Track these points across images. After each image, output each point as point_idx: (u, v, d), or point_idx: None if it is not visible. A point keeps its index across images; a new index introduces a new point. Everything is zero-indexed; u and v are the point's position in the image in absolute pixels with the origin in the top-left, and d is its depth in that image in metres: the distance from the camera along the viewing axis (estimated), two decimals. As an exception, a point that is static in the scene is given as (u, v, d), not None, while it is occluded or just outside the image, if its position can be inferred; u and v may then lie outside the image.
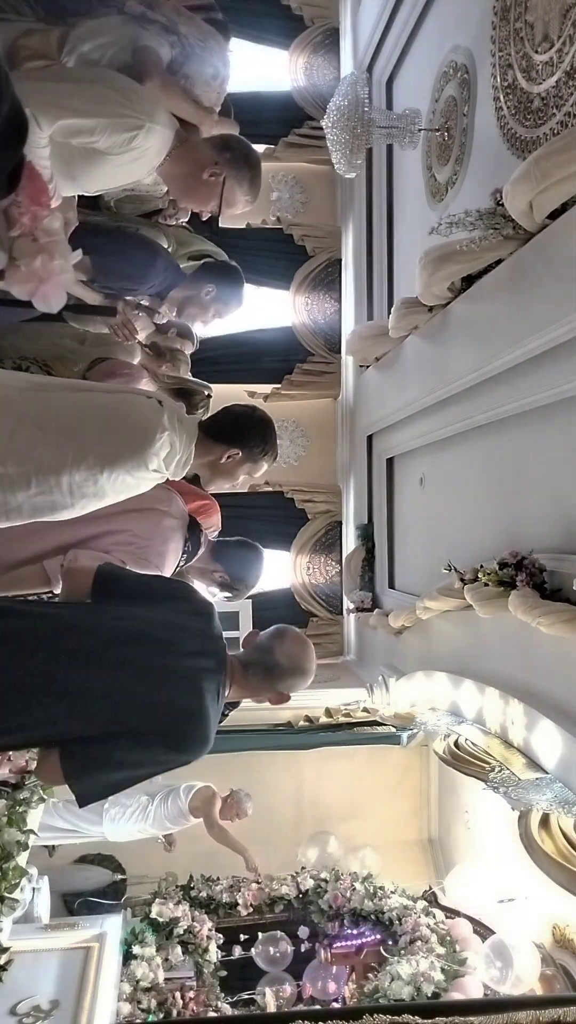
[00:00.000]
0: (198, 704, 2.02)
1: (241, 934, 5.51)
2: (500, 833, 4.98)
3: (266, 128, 7.24)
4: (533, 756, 3.70)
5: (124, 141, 2.46)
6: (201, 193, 2.72)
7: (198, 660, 2.10)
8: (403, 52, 5.81)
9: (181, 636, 2.11)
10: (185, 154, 2.70)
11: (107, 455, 2.08)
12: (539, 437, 3.87)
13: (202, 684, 2.05)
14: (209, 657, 2.13)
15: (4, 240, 2.20)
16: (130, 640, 2.05)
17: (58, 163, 2.46)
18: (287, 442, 7.55)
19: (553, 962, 4.66)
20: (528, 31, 3.75)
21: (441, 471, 5.21)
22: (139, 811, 5.08)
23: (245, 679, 2.23)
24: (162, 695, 2.01)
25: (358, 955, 5.30)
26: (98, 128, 2.41)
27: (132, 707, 1.97)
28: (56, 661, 1.95)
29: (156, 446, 2.15)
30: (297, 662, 2.26)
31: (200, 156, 2.73)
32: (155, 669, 2.03)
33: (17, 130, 1.87)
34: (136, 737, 1.96)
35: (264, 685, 2.26)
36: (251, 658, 2.25)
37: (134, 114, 2.47)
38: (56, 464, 2.03)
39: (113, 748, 1.94)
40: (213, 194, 2.71)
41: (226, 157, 2.72)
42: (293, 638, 2.30)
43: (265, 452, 2.51)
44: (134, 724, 1.97)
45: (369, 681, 5.87)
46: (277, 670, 2.24)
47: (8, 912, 2.91)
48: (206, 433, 2.38)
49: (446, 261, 3.96)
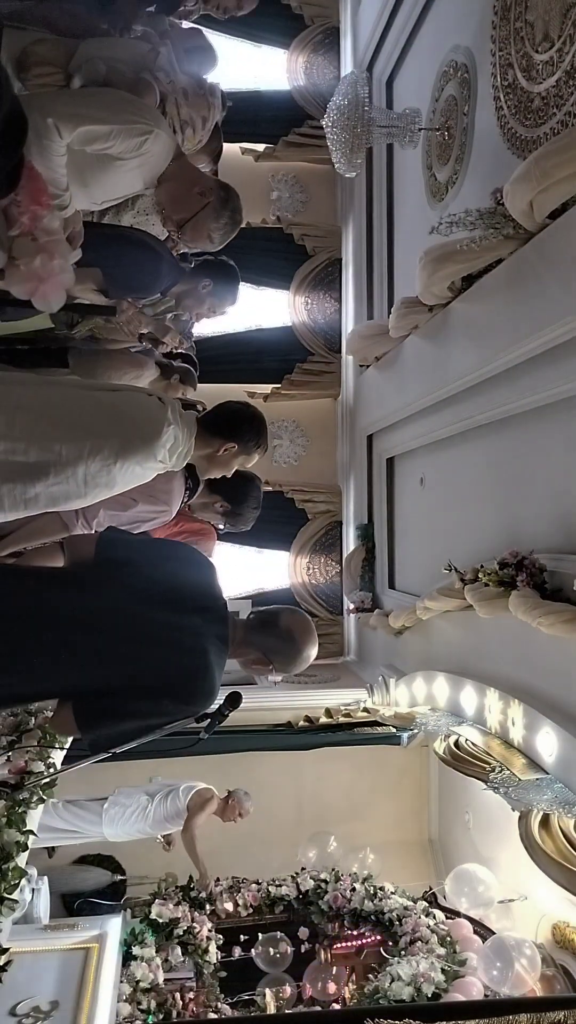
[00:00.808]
0: (202, 659, 2.14)
1: (241, 935, 5.50)
2: (500, 833, 4.98)
3: (266, 127, 7.25)
4: (533, 756, 3.69)
5: (135, 146, 2.64)
6: (182, 203, 2.87)
7: (201, 615, 2.22)
8: (403, 51, 5.81)
9: (184, 592, 2.25)
10: (187, 167, 2.89)
11: (121, 447, 2.24)
12: (539, 437, 3.87)
13: (205, 639, 2.17)
14: (211, 612, 2.26)
15: (4, 239, 2.20)
16: (135, 598, 2.18)
17: (72, 172, 2.61)
18: (287, 442, 7.54)
19: (553, 962, 4.65)
20: (528, 31, 3.74)
21: (441, 471, 5.21)
22: (138, 811, 5.07)
23: (247, 645, 2.34)
24: (168, 651, 2.13)
25: (358, 956, 5.29)
26: (112, 134, 2.59)
27: (140, 663, 2.10)
28: (66, 620, 2.10)
29: (164, 438, 2.32)
30: (296, 638, 2.36)
31: (199, 176, 2.93)
32: (160, 625, 2.15)
33: (17, 130, 1.87)
34: (145, 690, 2.09)
35: (256, 644, 2.34)
36: (257, 622, 2.37)
37: (143, 121, 2.66)
38: (74, 456, 2.18)
39: (123, 700, 2.08)
40: (191, 209, 2.86)
41: (220, 194, 2.91)
42: (302, 618, 2.42)
43: (258, 445, 2.70)
44: (143, 678, 2.09)
45: (369, 681, 5.87)
46: (275, 634, 2.34)
47: (8, 913, 2.90)
48: (204, 428, 2.55)
49: (446, 261, 3.95)
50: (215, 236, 2.96)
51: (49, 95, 2.69)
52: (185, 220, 2.89)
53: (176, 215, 2.90)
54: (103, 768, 2.78)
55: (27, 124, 1.94)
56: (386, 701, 5.51)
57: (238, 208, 2.99)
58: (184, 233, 2.97)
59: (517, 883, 5.05)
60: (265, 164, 7.39)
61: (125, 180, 2.81)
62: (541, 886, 4.43)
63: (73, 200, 2.69)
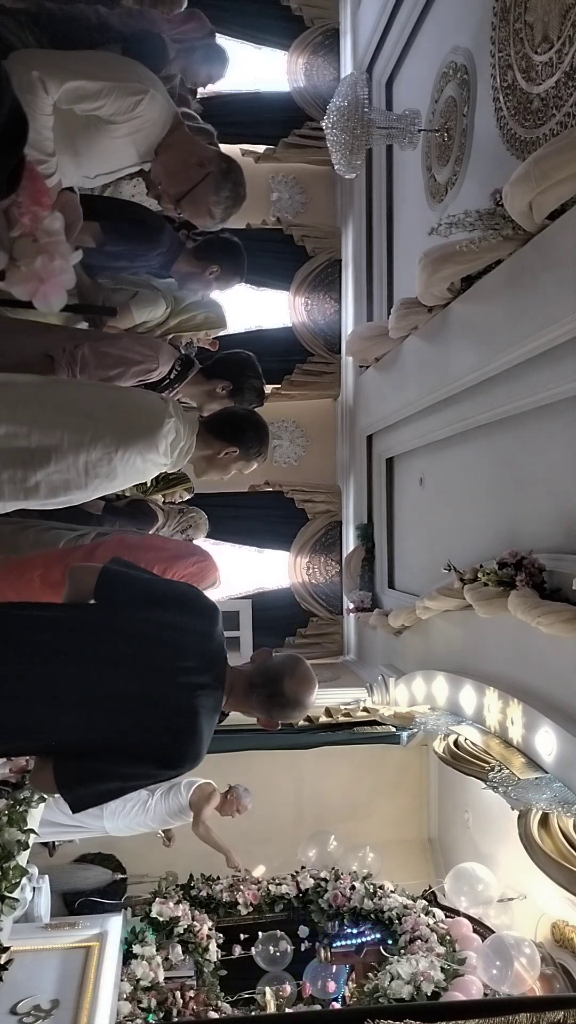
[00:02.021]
0: (193, 723, 2.05)
1: (241, 933, 5.52)
2: (499, 832, 4.99)
3: (266, 129, 7.25)
4: (532, 755, 3.70)
5: (128, 107, 2.45)
6: (179, 174, 2.66)
7: (199, 676, 2.10)
8: (403, 53, 5.81)
9: (183, 646, 2.12)
10: (184, 139, 2.69)
11: (123, 435, 2.24)
12: (539, 437, 3.88)
13: (199, 701, 2.08)
14: (209, 672, 2.13)
15: (4, 240, 2.21)
16: (132, 648, 2.06)
17: (60, 138, 2.43)
18: (287, 442, 7.55)
19: (553, 962, 4.66)
20: (528, 32, 3.75)
21: (441, 471, 5.22)
22: (139, 806, 5.10)
23: (246, 698, 2.22)
24: (159, 713, 2.04)
25: (358, 954, 5.30)
26: (103, 91, 2.40)
27: (128, 724, 2.02)
28: (56, 670, 1.98)
29: (165, 429, 2.32)
30: (300, 699, 2.25)
31: (198, 148, 2.73)
32: (153, 682, 2.05)
33: (17, 130, 1.87)
34: (130, 753, 2.01)
35: (261, 709, 2.24)
36: (258, 681, 2.23)
37: (138, 80, 2.48)
38: (75, 443, 2.17)
39: (107, 762, 2.00)
40: (189, 182, 2.66)
41: (220, 165, 2.72)
42: (303, 676, 2.25)
43: (259, 452, 2.71)
44: (129, 741, 2.01)
45: (369, 681, 5.88)
46: (279, 700, 2.22)
47: (8, 911, 2.92)
48: (208, 429, 2.56)
49: (446, 261, 3.96)
50: (216, 211, 2.75)
51: (35, 49, 2.45)
52: (183, 194, 2.68)
53: (173, 188, 2.69)
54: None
55: (28, 124, 1.90)
56: (386, 700, 5.52)
57: (240, 181, 2.78)
58: (182, 209, 2.76)
59: (516, 882, 5.06)
60: (265, 165, 7.40)
61: (118, 149, 2.60)
62: (540, 885, 4.44)
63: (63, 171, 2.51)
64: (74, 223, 2.47)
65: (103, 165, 2.70)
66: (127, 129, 2.52)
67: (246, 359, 3.28)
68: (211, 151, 2.76)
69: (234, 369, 3.23)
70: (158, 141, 2.62)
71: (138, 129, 2.54)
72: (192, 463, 2.63)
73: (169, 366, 3.00)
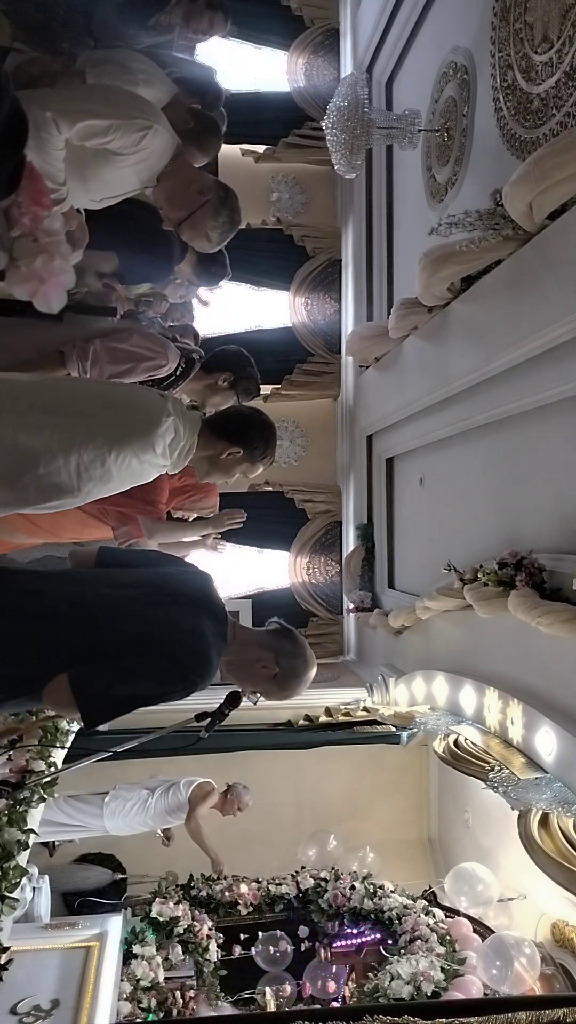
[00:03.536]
0: (197, 625, 2.12)
1: (241, 933, 5.51)
2: (499, 832, 4.99)
3: (266, 128, 7.25)
4: (532, 755, 3.70)
5: (134, 141, 2.60)
6: (180, 201, 2.84)
7: (197, 604, 2.21)
8: (403, 53, 5.82)
9: (181, 586, 2.24)
10: (185, 165, 2.87)
11: (116, 435, 2.16)
12: (538, 437, 3.88)
13: (201, 615, 2.17)
14: (207, 604, 2.23)
15: (5, 241, 2.20)
16: (133, 581, 2.20)
17: (70, 167, 2.59)
18: (287, 442, 7.55)
19: (553, 961, 4.66)
20: (528, 32, 3.76)
21: (441, 471, 5.22)
22: (139, 804, 5.11)
23: (255, 636, 2.33)
24: (162, 614, 2.12)
25: (358, 954, 5.30)
26: (112, 128, 2.55)
27: (136, 623, 2.08)
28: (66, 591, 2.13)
29: (162, 428, 2.23)
30: (307, 652, 2.34)
31: (197, 174, 2.90)
32: (156, 598, 2.16)
33: (17, 131, 1.87)
34: (139, 651, 2.05)
35: (270, 646, 2.30)
36: (272, 627, 2.37)
37: (143, 116, 2.63)
38: (65, 443, 2.09)
39: (117, 661, 2.03)
40: (189, 207, 2.83)
41: (218, 193, 2.87)
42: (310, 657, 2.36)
43: (265, 455, 2.59)
44: (137, 638, 2.06)
45: (369, 681, 5.88)
46: (291, 639, 2.33)
47: (8, 912, 2.91)
48: (211, 429, 2.45)
49: (446, 261, 3.96)
50: (213, 235, 2.92)
51: (48, 90, 2.64)
52: (183, 219, 2.85)
53: (173, 214, 2.86)
54: (104, 766, 2.79)
55: (28, 125, 1.91)
56: (386, 700, 5.52)
57: (236, 208, 2.96)
58: (182, 232, 2.94)
59: (516, 882, 5.06)
60: (265, 165, 7.41)
61: (124, 176, 2.78)
62: (540, 885, 4.44)
63: (72, 196, 2.66)
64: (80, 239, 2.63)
65: (108, 191, 2.86)
66: (132, 160, 2.68)
67: (240, 351, 3.47)
68: (210, 179, 2.91)
69: (232, 360, 3.39)
70: (160, 169, 2.78)
71: (143, 160, 2.70)
72: (194, 464, 2.51)
73: (176, 363, 3.09)
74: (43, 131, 2.41)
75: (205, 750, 4.76)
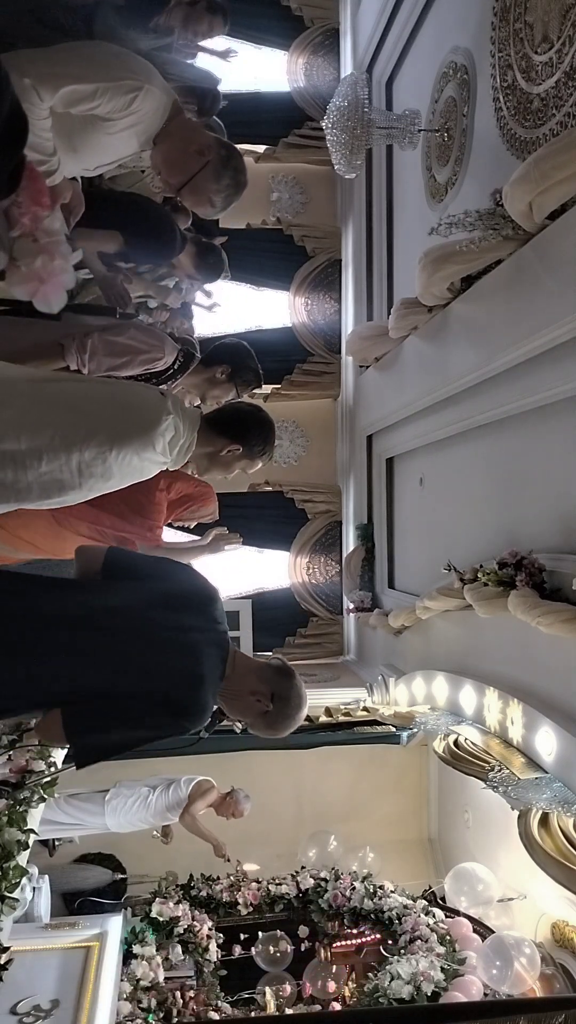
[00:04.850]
0: (197, 669, 2.08)
1: (241, 933, 5.52)
2: (500, 832, 4.99)
3: (266, 128, 7.25)
4: (532, 755, 3.70)
5: (124, 104, 2.43)
6: (178, 165, 2.63)
7: (201, 633, 2.15)
8: (403, 53, 5.81)
9: (185, 609, 2.18)
10: (183, 126, 2.67)
11: (117, 433, 2.14)
12: (539, 437, 3.88)
13: (202, 653, 2.11)
14: (210, 632, 2.18)
15: (4, 240, 2.20)
16: (135, 608, 2.13)
17: (59, 137, 2.43)
18: (287, 442, 7.55)
19: (553, 961, 4.66)
20: (528, 32, 3.76)
21: (441, 471, 5.22)
22: (140, 801, 5.12)
23: (256, 671, 2.25)
24: (162, 657, 2.07)
25: (358, 954, 5.31)
26: (98, 92, 2.37)
27: (132, 667, 2.04)
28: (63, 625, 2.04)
29: (162, 426, 2.22)
30: (303, 695, 2.29)
31: (197, 135, 2.70)
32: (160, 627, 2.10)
33: (17, 131, 1.87)
34: (135, 697, 2.02)
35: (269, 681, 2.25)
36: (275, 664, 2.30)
37: (132, 76, 2.45)
38: (67, 441, 2.08)
39: (112, 706, 2.00)
40: (188, 170, 2.63)
41: (220, 152, 2.68)
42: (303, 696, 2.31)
43: (264, 452, 2.60)
44: (134, 683, 2.03)
45: (369, 681, 5.88)
46: (289, 680, 2.26)
47: (8, 912, 2.91)
48: (210, 425, 2.45)
49: (446, 261, 3.96)
50: (216, 199, 2.70)
51: (26, 53, 2.40)
52: (183, 183, 2.65)
53: (173, 178, 2.66)
54: (105, 766, 2.78)
55: (28, 124, 1.90)
56: (386, 700, 5.52)
57: (241, 168, 2.71)
58: (183, 198, 2.74)
59: (517, 882, 5.06)
60: (265, 165, 7.40)
61: (117, 142, 2.58)
62: (540, 885, 4.44)
63: (63, 166, 2.50)
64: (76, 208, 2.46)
65: (102, 158, 2.70)
66: (124, 124, 2.49)
67: (239, 343, 3.47)
68: (210, 138, 2.69)
69: (230, 352, 3.39)
70: (157, 130, 2.59)
71: (136, 123, 2.52)
72: (193, 461, 2.52)
73: (173, 357, 3.08)
74: (24, 101, 2.17)
75: (205, 750, 4.76)
